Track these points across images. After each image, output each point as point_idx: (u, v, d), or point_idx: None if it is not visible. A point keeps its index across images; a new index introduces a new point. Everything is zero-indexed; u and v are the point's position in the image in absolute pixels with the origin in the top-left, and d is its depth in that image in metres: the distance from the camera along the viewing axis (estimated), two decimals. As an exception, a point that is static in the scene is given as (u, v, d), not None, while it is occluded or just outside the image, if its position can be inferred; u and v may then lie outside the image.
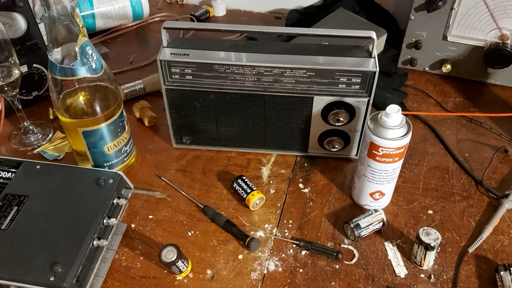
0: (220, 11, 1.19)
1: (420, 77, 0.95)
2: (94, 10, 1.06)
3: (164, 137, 0.82)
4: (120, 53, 1.05)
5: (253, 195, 0.69)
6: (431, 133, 0.83)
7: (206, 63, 0.67)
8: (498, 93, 0.91)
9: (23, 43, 0.82)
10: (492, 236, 0.66)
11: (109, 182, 0.67)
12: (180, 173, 0.76)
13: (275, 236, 0.67)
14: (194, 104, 0.73)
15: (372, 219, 0.66)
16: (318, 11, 1.05)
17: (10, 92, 0.75)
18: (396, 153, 0.62)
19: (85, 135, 0.68)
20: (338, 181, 0.75)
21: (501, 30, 0.85)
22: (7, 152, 0.80)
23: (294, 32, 0.73)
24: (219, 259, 0.64)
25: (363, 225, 0.65)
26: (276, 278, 0.62)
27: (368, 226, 0.65)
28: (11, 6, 0.78)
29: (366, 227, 0.65)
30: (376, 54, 0.67)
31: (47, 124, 0.86)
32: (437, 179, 0.75)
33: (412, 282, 0.61)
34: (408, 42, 0.93)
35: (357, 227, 0.65)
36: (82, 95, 0.66)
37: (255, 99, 0.71)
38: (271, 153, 0.79)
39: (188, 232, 0.68)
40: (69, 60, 0.62)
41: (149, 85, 0.90)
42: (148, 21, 1.15)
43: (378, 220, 0.66)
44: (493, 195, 0.72)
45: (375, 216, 0.66)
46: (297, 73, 0.67)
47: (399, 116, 0.60)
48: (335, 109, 0.70)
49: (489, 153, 0.79)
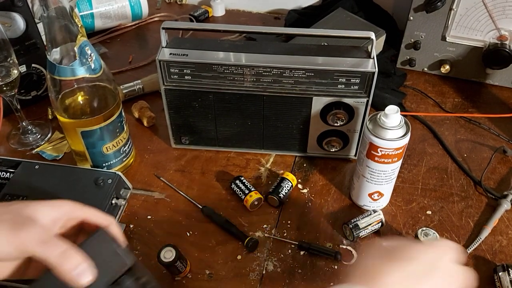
0: (219, 11, 1.19)
1: (419, 78, 0.96)
2: (93, 10, 1.06)
3: (163, 137, 0.82)
4: (119, 53, 1.05)
5: (251, 196, 0.69)
6: (430, 134, 0.83)
7: (205, 63, 0.67)
8: (497, 94, 0.91)
9: (22, 43, 0.82)
10: (491, 236, 0.66)
11: (108, 182, 0.67)
12: (179, 173, 0.76)
13: (273, 236, 0.67)
14: (193, 104, 0.73)
15: (370, 220, 0.66)
16: (317, 12, 1.05)
17: (9, 92, 0.75)
18: (395, 153, 0.62)
19: (84, 135, 0.68)
20: (337, 182, 0.75)
21: (499, 30, 0.85)
22: (5, 152, 0.80)
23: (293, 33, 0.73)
24: (217, 259, 0.64)
25: (361, 225, 0.65)
26: (275, 279, 0.62)
27: (367, 227, 0.65)
28: (10, 6, 0.78)
29: (365, 228, 0.65)
30: (375, 55, 0.67)
31: (45, 124, 0.85)
32: (436, 180, 0.75)
33: (411, 283, 0.61)
34: (407, 42, 0.93)
35: (356, 228, 0.65)
36: (81, 95, 0.66)
37: (254, 100, 0.71)
38: (270, 154, 0.79)
39: (187, 233, 0.68)
40: (68, 60, 0.62)
41: (148, 85, 0.90)
42: (147, 21, 1.15)
43: (377, 221, 0.66)
44: (492, 196, 0.72)
45: (374, 216, 0.66)
46: (296, 74, 0.67)
47: (398, 116, 0.60)
48: (334, 109, 0.70)
49: (487, 154, 0.79)
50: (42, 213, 0.41)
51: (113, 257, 0.41)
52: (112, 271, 0.40)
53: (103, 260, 0.40)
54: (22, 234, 0.38)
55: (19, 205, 0.41)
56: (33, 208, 0.41)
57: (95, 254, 0.40)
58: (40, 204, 0.42)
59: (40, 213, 0.41)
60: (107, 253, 0.41)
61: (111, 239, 0.41)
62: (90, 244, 0.41)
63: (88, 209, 0.44)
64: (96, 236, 0.41)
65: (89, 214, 0.44)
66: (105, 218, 0.44)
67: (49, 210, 0.42)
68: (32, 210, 0.41)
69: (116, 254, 0.41)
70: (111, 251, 0.41)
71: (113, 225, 0.44)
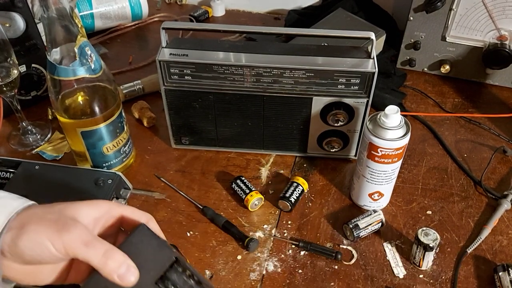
0: (219, 11, 1.19)
1: (419, 78, 0.96)
2: (93, 10, 1.06)
3: (163, 137, 0.82)
4: (119, 53, 1.04)
5: (252, 195, 0.69)
6: (430, 134, 0.83)
7: (205, 63, 0.67)
8: (497, 94, 0.91)
9: (22, 43, 0.82)
10: (491, 236, 0.66)
11: (108, 182, 0.67)
12: (179, 173, 0.76)
13: (274, 236, 0.67)
14: (193, 104, 0.73)
15: (371, 220, 0.66)
16: (317, 12, 1.05)
17: (9, 92, 0.75)
18: (395, 153, 0.62)
19: (84, 136, 0.68)
20: (337, 182, 0.75)
21: (499, 31, 0.85)
22: (6, 153, 0.80)
23: (293, 33, 0.73)
24: (218, 259, 0.64)
25: (362, 225, 0.65)
26: (275, 279, 0.62)
27: (367, 227, 0.65)
28: (10, 6, 0.78)
29: (365, 228, 0.65)
30: (375, 55, 0.67)
31: (46, 124, 0.85)
32: (436, 180, 0.75)
33: (411, 283, 0.61)
34: (407, 42, 0.93)
35: (356, 228, 0.65)
36: (81, 96, 0.66)
37: (254, 100, 0.71)
38: (270, 154, 0.79)
39: (187, 233, 0.68)
40: (68, 60, 0.62)
41: (148, 86, 0.90)
42: (147, 22, 1.15)
43: (377, 221, 0.66)
44: (492, 196, 0.72)
45: (374, 216, 0.66)
46: (296, 74, 0.67)
47: (398, 116, 0.60)
48: (334, 109, 0.70)
49: (487, 154, 0.79)
50: (83, 213, 0.41)
51: (157, 252, 0.41)
52: (158, 266, 0.40)
53: (147, 256, 0.40)
54: (65, 235, 0.38)
55: (61, 205, 0.42)
56: (74, 209, 0.41)
57: (138, 251, 0.40)
58: (81, 204, 0.42)
59: (82, 213, 0.41)
60: (150, 248, 0.41)
61: (152, 234, 0.41)
62: (132, 241, 0.41)
63: (126, 207, 0.45)
64: (137, 233, 0.41)
65: (127, 212, 0.44)
66: (143, 214, 0.45)
67: (89, 210, 0.42)
68: (73, 210, 0.41)
69: (160, 248, 0.41)
70: (154, 246, 0.41)
71: (152, 221, 0.44)
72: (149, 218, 0.45)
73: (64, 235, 0.38)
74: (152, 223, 0.44)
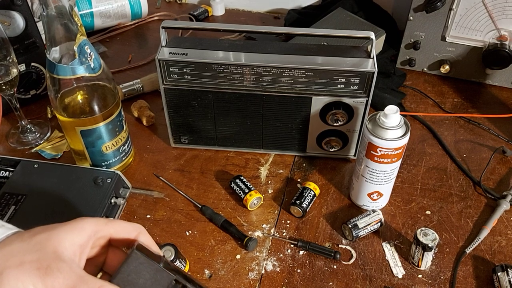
0: (219, 10, 1.19)
1: (419, 78, 0.96)
2: (92, 9, 1.05)
3: (162, 136, 0.82)
4: (119, 52, 1.04)
5: (251, 195, 0.69)
6: (429, 134, 0.83)
7: (205, 62, 0.67)
8: (496, 94, 0.91)
9: (21, 41, 0.82)
10: (490, 237, 0.66)
11: (107, 181, 0.67)
12: (178, 172, 0.76)
13: (273, 236, 0.67)
14: (192, 103, 0.73)
15: (370, 220, 0.66)
16: (317, 11, 1.05)
17: (8, 91, 0.75)
18: (394, 153, 0.62)
19: (83, 134, 0.68)
20: (336, 182, 0.75)
21: (499, 31, 0.85)
22: (5, 151, 0.80)
23: (292, 32, 0.73)
24: (217, 259, 0.64)
25: (361, 225, 0.65)
26: (274, 278, 0.62)
27: (366, 227, 0.65)
28: (9, 5, 0.78)
29: (364, 228, 0.65)
30: (374, 55, 0.67)
31: (45, 123, 0.85)
32: (435, 180, 0.75)
33: (410, 283, 0.61)
34: (407, 42, 0.93)
35: (355, 228, 0.65)
36: (80, 94, 0.66)
37: (254, 99, 0.71)
38: (269, 153, 0.79)
39: (186, 232, 0.68)
40: (68, 59, 0.62)
41: (148, 85, 0.90)
42: (147, 20, 1.15)
43: (376, 221, 0.66)
44: (491, 196, 0.72)
45: (373, 216, 0.66)
46: (295, 73, 0.67)
47: (397, 116, 0.60)
48: (334, 109, 0.70)
49: (487, 154, 0.79)
50: (66, 243, 0.38)
51: (156, 275, 0.38)
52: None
53: (146, 282, 0.38)
54: (49, 281, 0.36)
55: (41, 236, 0.38)
56: (57, 239, 0.38)
57: (134, 280, 0.38)
58: (63, 231, 0.39)
59: (65, 243, 0.38)
60: (148, 273, 0.38)
61: (147, 259, 0.39)
62: (126, 270, 0.38)
63: (113, 223, 0.42)
64: (131, 261, 0.39)
65: (115, 229, 0.41)
66: (133, 228, 0.42)
67: (73, 237, 0.39)
68: (56, 242, 0.38)
69: (158, 271, 0.39)
70: (151, 270, 0.39)
71: (143, 234, 0.42)
72: (139, 232, 0.42)
73: (48, 281, 0.36)
74: (143, 237, 0.42)
